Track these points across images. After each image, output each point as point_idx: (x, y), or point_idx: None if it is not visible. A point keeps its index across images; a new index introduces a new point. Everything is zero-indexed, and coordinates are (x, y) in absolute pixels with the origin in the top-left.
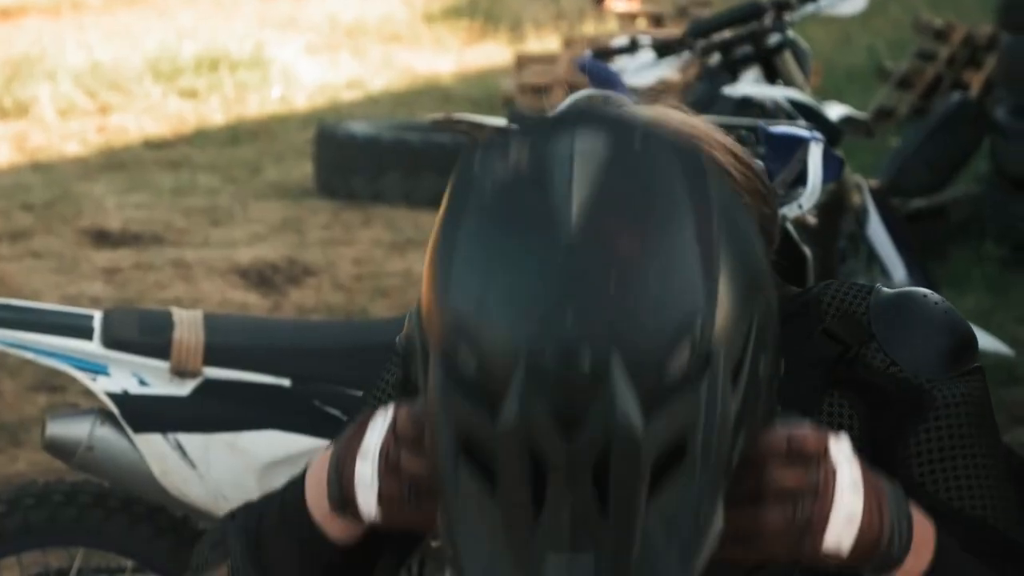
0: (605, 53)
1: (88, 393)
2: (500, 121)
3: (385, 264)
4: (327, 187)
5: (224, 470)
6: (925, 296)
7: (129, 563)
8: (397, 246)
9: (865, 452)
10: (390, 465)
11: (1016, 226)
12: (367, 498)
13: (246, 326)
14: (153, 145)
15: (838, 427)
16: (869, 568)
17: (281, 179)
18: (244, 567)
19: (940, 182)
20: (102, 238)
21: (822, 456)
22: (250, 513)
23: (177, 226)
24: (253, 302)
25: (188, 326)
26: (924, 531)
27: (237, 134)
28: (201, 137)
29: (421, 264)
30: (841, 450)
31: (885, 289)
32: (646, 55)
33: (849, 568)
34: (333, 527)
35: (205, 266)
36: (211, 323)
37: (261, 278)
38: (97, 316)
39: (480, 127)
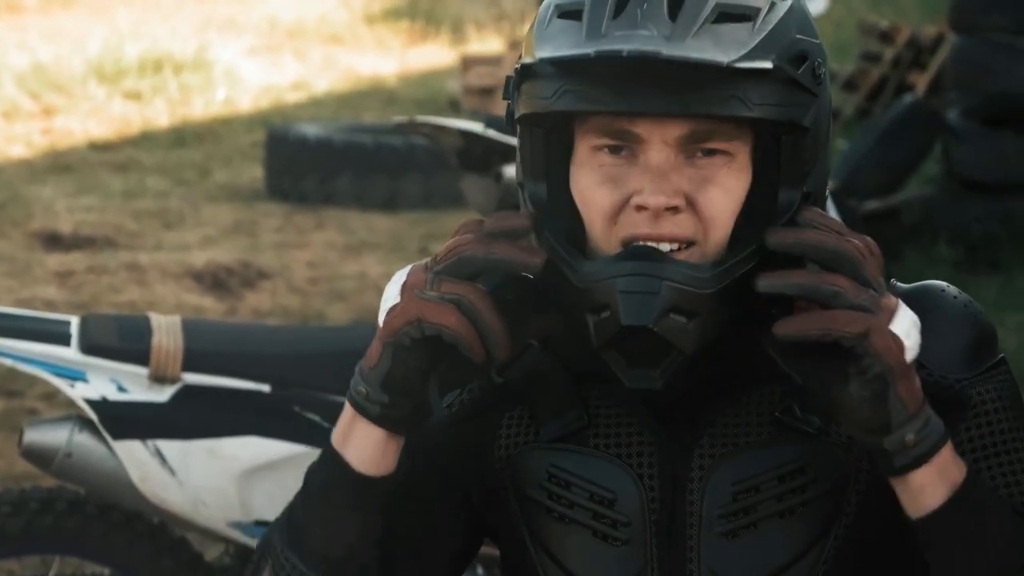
0: None
1: (49, 397)
2: (464, 123)
3: (339, 267)
4: (277, 189)
5: (204, 477)
6: (943, 290)
7: (106, 571)
8: (351, 249)
9: None
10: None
11: (969, 228)
12: (390, 296)
13: (225, 331)
14: (99, 147)
15: None
16: (922, 433)
17: (230, 181)
18: (283, 550)
19: (893, 184)
20: (54, 241)
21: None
22: (288, 507)
23: (129, 229)
24: (208, 306)
25: (167, 332)
26: (955, 457)
27: (183, 136)
28: (147, 139)
29: (375, 267)
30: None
31: (900, 284)
32: None
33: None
34: (355, 447)
35: (159, 269)
36: (189, 328)
37: (216, 281)
38: (74, 322)
39: (443, 130)
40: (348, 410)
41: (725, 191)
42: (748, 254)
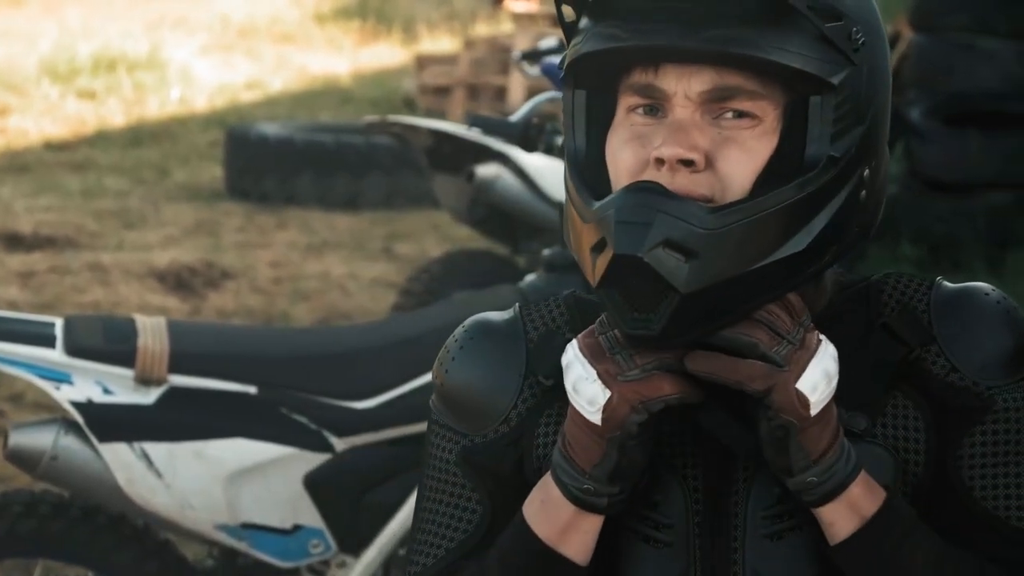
0: (534, 54)
1: (16, 399)
2: (434, 123)
3: (303, 267)
4: (238, 189)
5: (190, 479)
6: (987, 294)
7: (89, 574)
8: (313, 248)
9: (932, 454)
10: (596, 356)
11: (932, 227)
12: (594, 393)
13: (211, 333)
14: (54, 147)
15: (904, 428)
16: (826, 475)
17: (189, 181)
18: None
19: None
20: (15, 242)
21: (807, 319)
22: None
23: (89, 229)
24: (172, 306)
25: (152, 333)
26: (874, 485)
27: (139, 136)
28: (102, 139)
29: (339, 266)
30: (828, 342)
31: (946, 283)
32: None
33: (804, 465)
34: (578, 541)
35: (121, 269)
36: (175, 330)
37: (179, 281)
38: (58, 323)
39: (414, 129)
40: (566, 509)
41: (746, 151)
42: (755, 202)
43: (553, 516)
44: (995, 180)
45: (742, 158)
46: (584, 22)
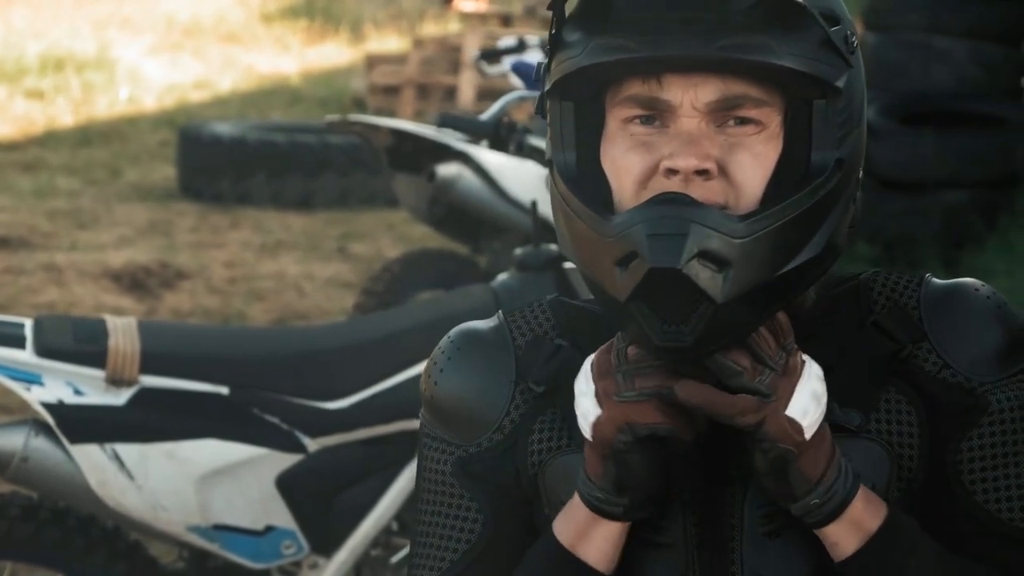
0: (493, 53)
1: None
2: (395, 122)
3: (257, 267)
4: (191, 189)
5: (162, 480)
6: (977, 290)
7: None
8: (267, 248)
9: (926, 449)
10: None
11: (887, 226)
12: (587, 408)
13: (182, 333)
14: (3, 147)
15: (898, 423)
16: (827, 495)
17: (142, 181)
18: None
19: None
20: None
21: (791, 343)
22: None
23: (43, 229)
24: (128, 306)
25: (123, 334)
26: (874, 499)
27: (88, 135)
28: (52, 139)
29: (293, 266)
30: (812, 361)
31: (935, 280)
32: (535, 55)
33: (806, 487)
34: (595, 548)
35: (76, 270)
36: (146, 330)
37: (134, 282)
38: (28, 324)
39: (375, 128)
40: (583, 512)
41: (755, 157)
42: (778, 209)
43: (572, 519)
44: (949, 179)
45: (753, 164)
46: (574, 35)
